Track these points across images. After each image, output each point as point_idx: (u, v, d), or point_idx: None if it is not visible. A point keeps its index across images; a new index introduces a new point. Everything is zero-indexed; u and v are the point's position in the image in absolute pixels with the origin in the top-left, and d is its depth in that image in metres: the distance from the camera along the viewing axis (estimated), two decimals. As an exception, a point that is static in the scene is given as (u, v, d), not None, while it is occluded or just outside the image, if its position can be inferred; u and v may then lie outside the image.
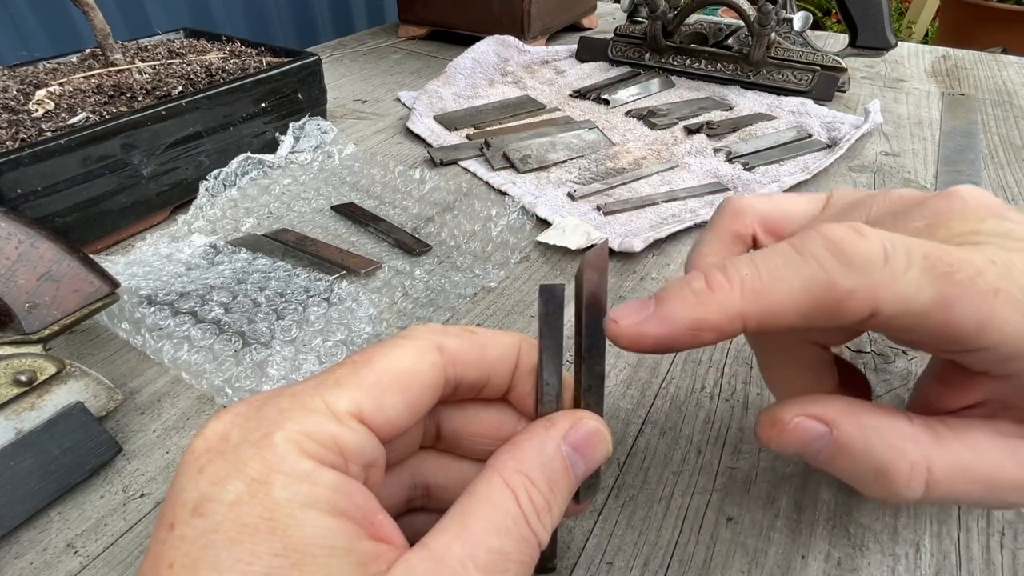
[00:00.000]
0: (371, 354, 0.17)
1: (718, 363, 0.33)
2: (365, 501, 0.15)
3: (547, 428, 0.18)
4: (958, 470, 0.18)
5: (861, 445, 0.18)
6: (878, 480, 0.18)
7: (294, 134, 0.53)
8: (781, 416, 0.19)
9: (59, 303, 0.27)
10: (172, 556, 0.13)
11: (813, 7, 2.06)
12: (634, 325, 0.17)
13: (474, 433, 0.20)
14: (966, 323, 0.16)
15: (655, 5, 0.68)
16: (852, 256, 0.16)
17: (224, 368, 0.31)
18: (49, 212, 0.38)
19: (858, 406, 0.18)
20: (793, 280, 0.17)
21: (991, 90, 0.71)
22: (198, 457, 0.15)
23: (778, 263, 0.17)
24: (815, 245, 0.17)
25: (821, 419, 0.18)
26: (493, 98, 0.67)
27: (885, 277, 0.16)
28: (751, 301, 0.17)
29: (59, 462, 0.26)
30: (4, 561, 0.24)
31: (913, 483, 0.17)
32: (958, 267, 0.16)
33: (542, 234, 0.43)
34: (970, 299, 0.16)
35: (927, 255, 0.16)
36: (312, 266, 0.39)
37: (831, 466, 0.19)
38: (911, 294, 0.16)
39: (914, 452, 0.17)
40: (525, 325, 0.36)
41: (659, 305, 0.17)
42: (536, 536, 0.16)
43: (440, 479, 0.21)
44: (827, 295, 0.16)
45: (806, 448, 0.18)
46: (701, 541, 0.24)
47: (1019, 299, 0.16)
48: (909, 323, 0.16)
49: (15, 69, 0.49)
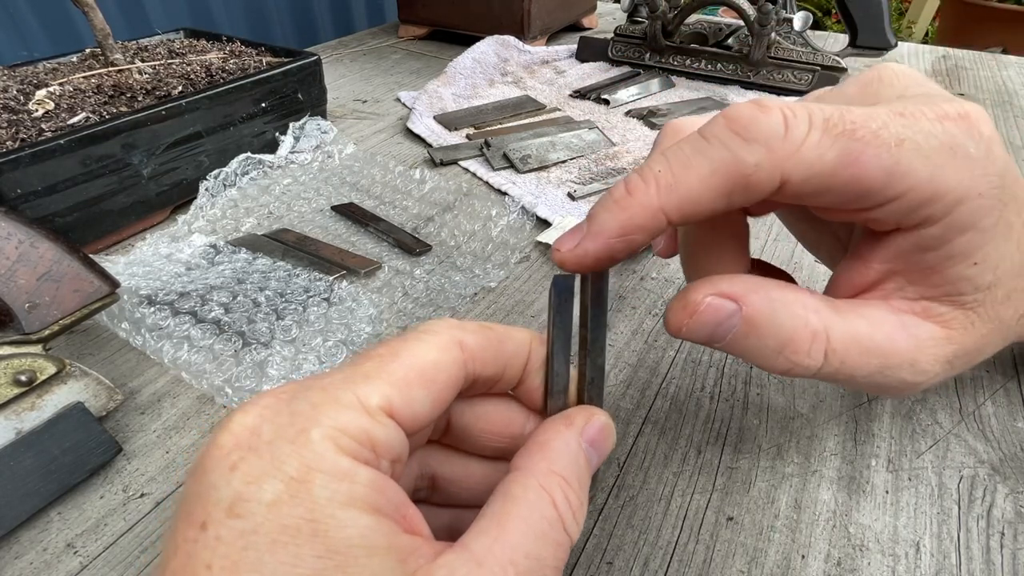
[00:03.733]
0: (396, 348, 0.17)
1: (718, 363, 0.33)
2: (396, 496, 0.15)
3: (568, 426, 0.18)
4: (853, 339, 0.18)
5: (768, 318, 0.18)
6: (782, 352, 0.18)
7: (294, 134, 0.53)
8: (693, 298, 0.19)
9: (59, 303, 0.27)
10: (208, 557, 0.13)
11: (813, 7, 2.06)
12: (573, 248, 0.18)
13: (484, 429, 0.20)
14: (873, 174, 0.17)
15: (655, 5, 0.68)
16: (753, 132, 0.17)
17: (224, 368, 0.31)
18: (49, 212, 0.38)
19: (764, 282, 0.19)
20: (702, 166, 0.17)
21: (991, 90, 0.70)
22: (228, 453, 0.14)
23: (686, 152, 0.17)
24: (718, 127, 0.17)
25: (730, 296, 0.18)
26: (493, 98, 0.67)
27: (787, 147, 0.16)
28: (667, 195, 0.17)
29: (59, 462, 0.26)
30: (4, 561, 0.24)
31: (813, 351, 0.18)
32: (860, 123, 0.17)
33: (542, 234, 0.43)
34: (874, 151, 0.16)
35: (828, 117, 0.17)
36: (312, 266, 0.39)
37: (740, 347, 0.19)
38: (814, 158, 0.16)
39: (815, 321, 0.18)
40: (525, 325, 0.36)
41: (590, 222, 0.18)
42: (570, 538, 0.16)
43: (446, 471, 0.21)
44: (735, 173, 0.17)
45: (718, 329, 0.19)
46: (701, 541, 0.24)
47: (923, 146, 0.17)
48: (820, 186, 0.17)
49: (15, 69, 0.49)
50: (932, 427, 0.29)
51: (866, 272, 0.20)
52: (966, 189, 0.17)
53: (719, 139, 0.17)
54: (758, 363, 0.19)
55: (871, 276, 0.20)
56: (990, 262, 0.18)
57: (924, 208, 0.17)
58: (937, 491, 0.26)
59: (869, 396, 0.30)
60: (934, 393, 0.30)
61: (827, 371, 0.19)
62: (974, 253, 0.18)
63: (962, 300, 0.19)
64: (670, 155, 0.18)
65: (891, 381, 0.19)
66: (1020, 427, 0.29)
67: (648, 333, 0.35)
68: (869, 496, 0.26)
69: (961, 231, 0.18)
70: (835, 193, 0.17)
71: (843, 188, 0.17)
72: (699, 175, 0.17)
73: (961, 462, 0.27)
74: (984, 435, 0.28)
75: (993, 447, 0.28)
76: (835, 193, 0.17)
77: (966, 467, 0.27)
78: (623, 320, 0.36)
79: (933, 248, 0.18)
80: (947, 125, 0.17)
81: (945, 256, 0.18)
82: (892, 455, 0.27)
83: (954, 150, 0.17)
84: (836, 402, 0.30)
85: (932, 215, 0.17)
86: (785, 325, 0.18)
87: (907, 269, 0.19)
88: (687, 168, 0.17)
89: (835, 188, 0.17)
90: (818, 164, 0.16)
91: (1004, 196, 0.18)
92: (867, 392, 0.21)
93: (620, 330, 0.35)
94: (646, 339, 0.34)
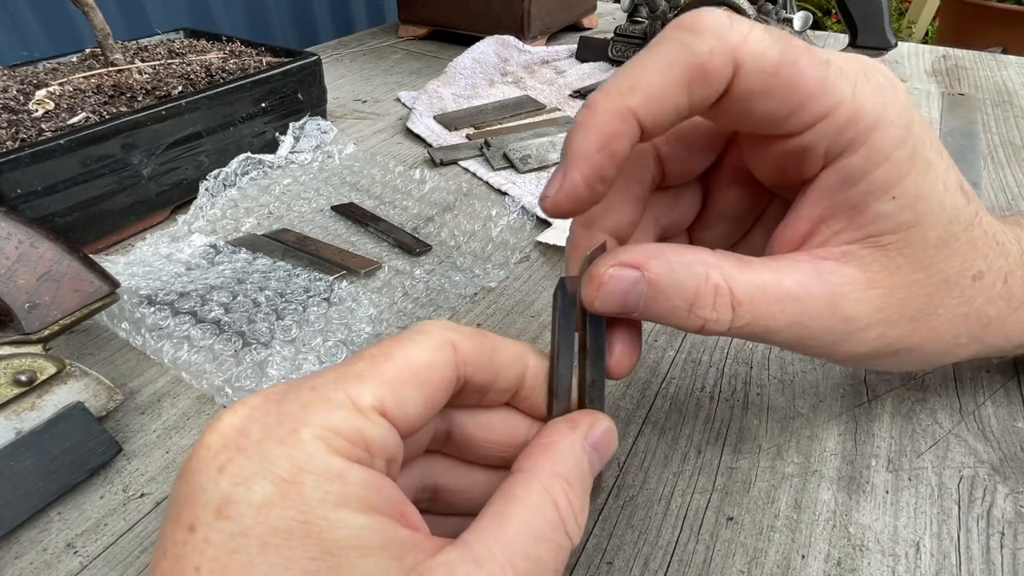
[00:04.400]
0: (388, 348, 0.17)
1: (718, 363, 0.33)
2: (393, 493, 0.15)
3: (572, 429, 0.18)
4: (758, 289, 0.19)
5: (669, 280, 0.19)
6: (692, 311, 0.19)
7: (294, 134, 0.53)
8: (596, 272, 0.19)
9: (59, 303, 0.27)
10: (197, 560, 0.13)
11: (813, 7, 2.06)
12: (560, 186, 0.18)
13: (487, 439, 0.20)
14: (809, 80, 0.18)
15: (655, 5, 0.68)
16: (701, 26, 0.18)
17: (224, 368, 0.31)
18: (49, 212, 0.38)
19: (664, 247, 0.19)
20: (659, 62, 0.18)
21: (991, 90, 0.70)
22: (216, 454, 0.14)
23: (643, 56, 0.18)
24: (667, 31, 0.18)
25: (631, 264, 0.19)
26: (493, 98, 0.67)
27: (735, 36, 0.17)
28: (630, 94, 0.18)
29: (59, 462, 0.26)
30: (4, 561, 0.24)
31: (719, 305, 0.19)
32: (791, 38, 0.18)
33: (542, 234, 0.43)
34: (808, 59, 0.18)
35: (763, 27, 0.18)
36: (312, 266, 0.39)
37: (654, 312, 0.19)
38: (762, 49, 0.17)
39: (716, 276, 0.19)
40: (525, 325, 0.36)
41: (566, 154, 0.18)
42: (571, 540, 0.16)
43: (448, 482, 0.20)
44: (691, 62, 0.17)
45: (627, 298, 0.19)
46: (701, 541, 0.24)
47: (844, 68, 0.18)
48: (765, 85, 0.18)
49: (15, 69, 0.49)
50: (932, 427, 0.29)
51: (797, 225, 0.21)
52: (879, 114, 0.18)
53: (669, 39, 0.18)
54: (675, 325, 0.20)
55: (802, 228, 0.21)
56: (908, 197, 0.19)
57: (850, 128, 0.18)
58: (937, 491, 0.26)
59: (869, 396, 0.30)
60: (934, 393, 0.30)
61: (740, 325, 0.19)
62: (892, 187, 0.19)
63: (882, 241, 0.20)
64: (625, 66, 0.18)
65: (816, 332, 0.20)
66: (1020, 427, 0.29)
67: (648, 333, 0.35)
68: (869, 496, 0.26)
69: (878, 162, 0.19)
70: (777, 96, 0.18)
71: (784, 90, 0.18)
72: (657, 69, 0.18)
73: (961, 462, 0.27)
74: (984, 435, 0.28)
75: (993, 447, 0.28)
76: (777, 96, 0.18)
77: (966, 467, 0.27)
78: (623, 320, 0.36)
79: (855, 181, 0.19)
80: (857, 61, 0.19)
81: (866, 190, 0.19)
82: (892, 455, 0.27)
83: (868, 76, 0.19)
84: (836, 402, 0.30)
85: (855, 139, 0.18)
86: (688, 284, 0.19)
87: (832, 214, 0.20)
88: (644, 68, 0.18)
89: (777, 89, 0.18)
90: (764, 56, 0.17)
91: (915, 128, 0.19)
92: (809, 353, 0.21)
93: (620, 330, 0.35)
94: (646, 339, 0.34)
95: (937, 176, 0.19)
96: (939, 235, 0.20)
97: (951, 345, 0.22)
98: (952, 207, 0.20)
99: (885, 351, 0.21)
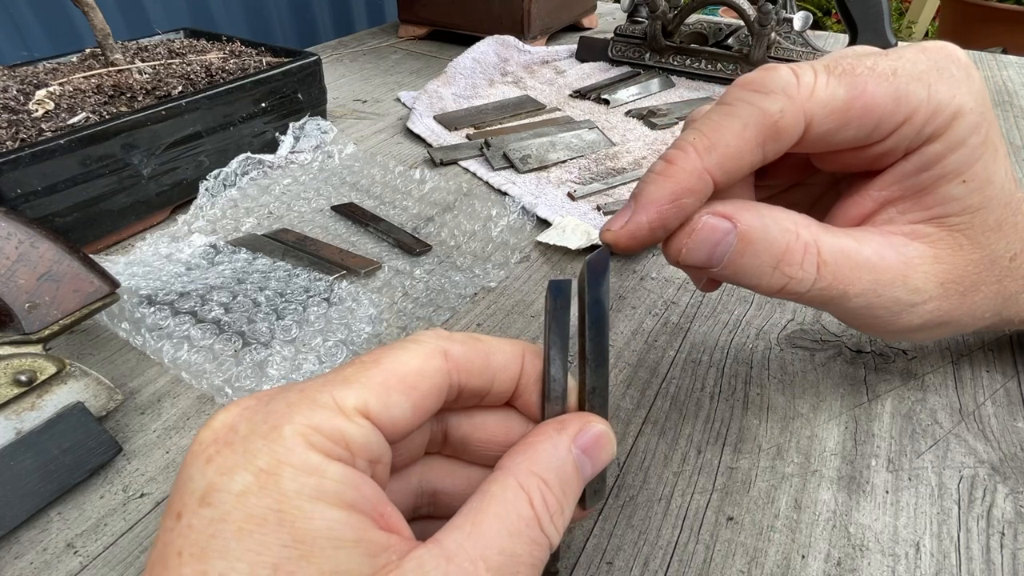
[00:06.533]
0: (379, 355, 0.17)
1: (718, 363, 0.33)
2: (373, 493, 0.15)
3: (558, 431, 0.18)
4: (843, 253, 0.20)
5: (761, 233, 0.19)
6: (777, 266, 0.19)
7: (294, 134, 0.53)
8: (691, 221, 0.20)
9: (59, 303, 0.27)
10: (180, 544, 0.14)
11: (813, 7, 2.06)
12: (624, 223, 0.19)
13: (482, 439, 0.20)
14: (881, 101, 0.19)
15: (655, 5, 0.68)
16: (769, 85, 0.19)
17: (224, 368, 0.31)
18: (49, 212, 0.38)
19: (755, 203, 0.20)
20: (733, 124, 0.19)
21: (991, 90, 0.70)
22: (206, 448, 0.15)
23: (714, 118, 0.19)
24: (736, 92, 0.19)
25: (724, 215, 0.19)
26: (493, 98, 0.67)
27: (803, 91, 0.18)
28: (707, 156, 0.19)
29: (59, 462, 0.26)
30: (4, 561, 0.24)
31: (806, 263, 0.19)
32: (855, 64, 0.19)
33: (542, 234, 0.43)
34: (875, 82, 0.19)
35: (826, 65, 0.19)
36: (312, 266, 0.39)
37: (736, 266, 0.20)
38: (829, 95, 0.18)
39: (806, 234, 0.20)
40: (525, 325, 0.36)
41: (638, 198, 0.19)
42: (548, 539, 0.16)
43: (447, 485, 0.21)
44: (764, 122, 0.18)
45: (716, 249, 0.19)
46: (701, 541, 0.24)
47: (913, 71, 0.19)
48: (839, 121, 0.19)
49: (15, 69, 0.49)
50: (932, 427, 0.29)
51: (862, 203, 0.21)
52: (958, 104, 0.19)
53: (741, 99, 0.19)
54: (754, 284, 0.20)
55: (867, 207, 0.21)
56: (978, 181, 0.20)
57: (929, 125, 0.19)
58: (937, 491, 0.26)
59: (869, 396, 0.30)
60: (934, 393, 0.30)
61: (821, 286, 0.20)
62: (964, 171, 0.20)
63: (949, 221, 0.20)
64: (700, 124, 0.19)
65: (886, 301, 0.20)
66: (1020, 427, 0.29)
67: (648, 333, 0.35)
68: (869, 496, 0.26)
69: (956, 147, 0.19)
70: (853, 126, 0.19)
71: (859, 119, 0.19)
72: (733, 132, 0.19)
73: (961, 462, 0.27)
74: (984, 435, 0.28)
75: (993, 447, 0.28)
76: (853, 126, 0.19)
77: (966, 467, 0.27)
78: (623, 320, 0.36)
79: (930, 166, 0.20)
80: (928, 53, 0.20)
81: (939, 175, 0.20)
82: (892, 455, 0.27)
83: (940, 71, 0.19)
84: (836, 402, 0.30)
85: (936, 131, 0.19)
86: (778, 239, 0.19)
87: (901, 196, 0.21)
88: (720, 129, 0.19)
89: (852, 121, 0.19)
90: (833, 101, 0.18)
91: (987, 115, 0.20)
92: (863, 326, 0.22)
93: (620, 330, 0.35)
94: (646, 339, 0.34)
95: (1000, 161, 0.20)
96: (996, 218, 0.21)
97: (979, 318, 0.23)
98: (1009, 191, 0.21)
99: (934, 323, 0.22)
